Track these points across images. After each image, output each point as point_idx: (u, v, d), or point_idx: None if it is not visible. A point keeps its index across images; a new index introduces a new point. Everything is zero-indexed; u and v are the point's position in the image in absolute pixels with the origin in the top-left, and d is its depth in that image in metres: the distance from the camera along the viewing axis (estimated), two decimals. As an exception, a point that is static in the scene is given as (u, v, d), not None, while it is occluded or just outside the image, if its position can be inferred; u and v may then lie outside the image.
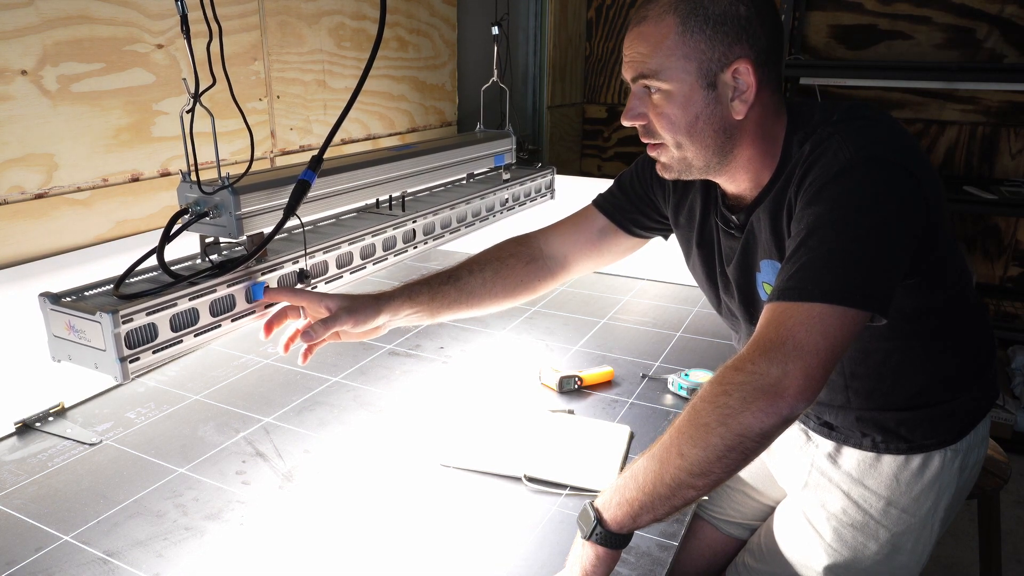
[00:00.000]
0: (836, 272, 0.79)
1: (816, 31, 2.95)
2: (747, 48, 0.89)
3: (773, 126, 0.95)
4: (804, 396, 0.74)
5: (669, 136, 0.94)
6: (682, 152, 0.95)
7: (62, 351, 0.98)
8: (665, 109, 0.92)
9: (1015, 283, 2.93)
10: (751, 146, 0.95)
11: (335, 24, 1.76)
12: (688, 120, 0.92)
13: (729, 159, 0.96)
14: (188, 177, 1.04)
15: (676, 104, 0.92)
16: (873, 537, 1.06)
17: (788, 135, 0.95)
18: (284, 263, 1.16)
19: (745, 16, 0.88)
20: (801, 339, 0.76)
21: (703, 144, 0.94)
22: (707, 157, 0.95)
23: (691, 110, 0.91)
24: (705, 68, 0.89)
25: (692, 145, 0.94)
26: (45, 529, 0.96)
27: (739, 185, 0.99)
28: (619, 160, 3.52)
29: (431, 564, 0.92)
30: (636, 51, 0.92)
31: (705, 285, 1.16)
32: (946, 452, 1.04)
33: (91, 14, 1.22)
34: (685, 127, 0.93)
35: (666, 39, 0.89)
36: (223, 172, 1.04)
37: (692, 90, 0.90)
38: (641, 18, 0.92)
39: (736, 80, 0.90)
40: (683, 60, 0.89)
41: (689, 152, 0.95)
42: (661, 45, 0.90)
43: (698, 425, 0.77)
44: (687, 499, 0.79)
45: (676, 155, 0.96)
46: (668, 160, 0.98)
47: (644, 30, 0.91)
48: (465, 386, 1.40)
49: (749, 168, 0.96)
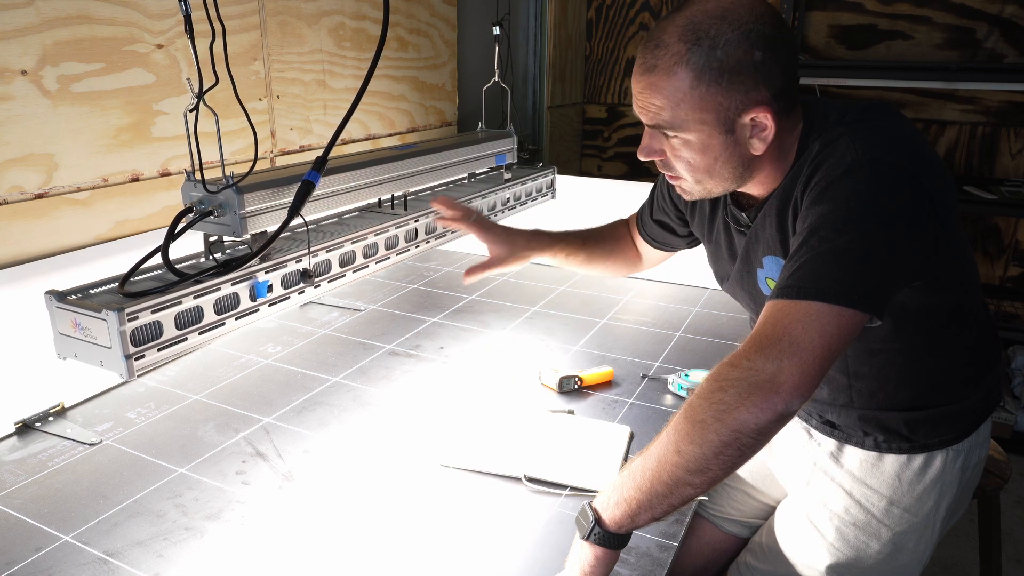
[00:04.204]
0: (835, 272, 0.79)
1: (816, 31, 2.95)
2: (765, 92, 0.87)
3: (788, 138, 0.95)
4: (799, 393, 0.74)
5: (688, 176, 0.96)
6: (702, 185, 0.97)
7: (68, 349, 0.98)
8: (683, 153, 0.93)
9: (1015, 283, 2.93)
10: (769, 164, 0.96)
11: (335, 24, 1.76)
12: (707, 163, 0.93)
13: (748, 181, 0.97)
14: (192, 176, 1.04)
15: (695, 150, 0.92)
16: (875, 536, 1.06)
17: (804, 134, 0.95)
18: (288, 262, 1.17)
19: (760, 60, 0.85)
20: (797, 337, 0.76)
21: (723, 178, 0.95)
22: (727, 186, 0.97)
23: (710, 155, 0.92)
24: (723, 117, 0.88)
25: (712, 180, 0.95)
26: (45, 529, 0.96)
27: (753, 188, 1.01)
28: (619, 160, 3.52)
29: (431, 564, 0.91)
30: (649, 102, 0.90)
31: (719, 281, 1.18)
32: (948, 452, 1.04)
33: (91, 14, 1.22)
34: (704, 169, 0.94)
35: (680, 93, 0.87)
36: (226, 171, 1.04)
37: (710, 137, 0.90)
38: (651, 67, 0.88)
39: (755, 123, 0.89)
40: (700, 112, 0.88)
41: (709, 184, 0.96)
42: (675, 99, 0.88)
43: (694, 422, 0.77)
44: (685, 497, 0.79)
45: (697, 187, 0.98)
46: (689, 188, 0.99)
47: (656, 81, 0.88)
48: (465, 386, 1.40)
49: (766, 178, 0.98)
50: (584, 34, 3.37)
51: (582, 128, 3.53)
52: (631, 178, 3.44)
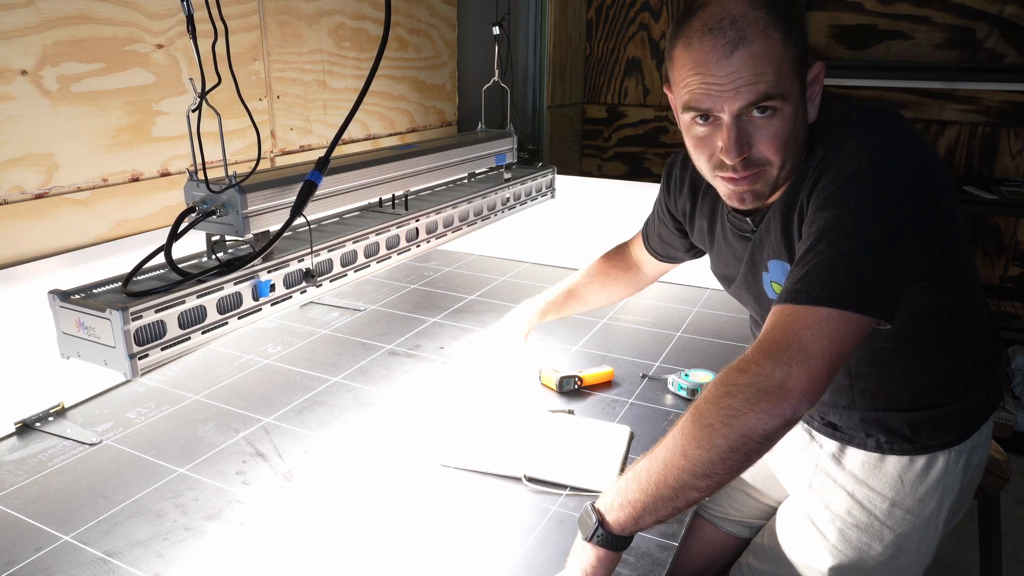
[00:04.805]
0: (844, 277, 0.79)
1: (816, 31, 2.94)
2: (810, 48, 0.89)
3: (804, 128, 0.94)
4: (808, 398, 0.74)
5: (778, 157, 0.90)
6: (779, 172, 0.91)
7: (71, 348, 0.98)
8: (779, 129, 0.88)
9: (1015, 283, 2.93)
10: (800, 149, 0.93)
11: (335, 24, 1.76)
12: (794, 134, 0.89)
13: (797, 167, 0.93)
14: (195, 176, 1.04)
15: (787, 120, 0.88)
16: (877, 538, 1.06)
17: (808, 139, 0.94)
18: (290, 261, 1.17)
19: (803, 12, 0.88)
20: (806, 342, 0.76)
21: (796, 156, 0.92)
22: (790, 171, 0.92)
23: (796, 124, 0.89)
24: (802, 76, 0.88)
25: (790, 160, 0.91)
26: (45, 529, 0.96)
27: None
28: (619, 160, 3.52)
29: (431, 564, 0.91)
30: (752, 72, 0.84)
31: (724, 285, 1.18)
32: (950, 453, 1.04)
33: (91, 14, 1.22)
34: (792, 142, 0.90)
35: (778, 54, 0.85)
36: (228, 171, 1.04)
37: (799, 102, 0.89)
38: (739, 39, 0.84)
39: (814, 79, 0.89)
40: (792, 76, 0.87)
41: (785, 170, 0.91)
42: (777, 62, 0.85)
43: (702, 426, 0.77)
44: (690, 501, 0.79)
45: (772, 177, 0.92)
46: (762, 187, 0.93)
47: (754, 51, 0.84)
48: (465, 386, 1.39)
49: None
50: (584, 34, 3.36)
51: (582, 128, 3.53)
52: (631, 178, 3.44)
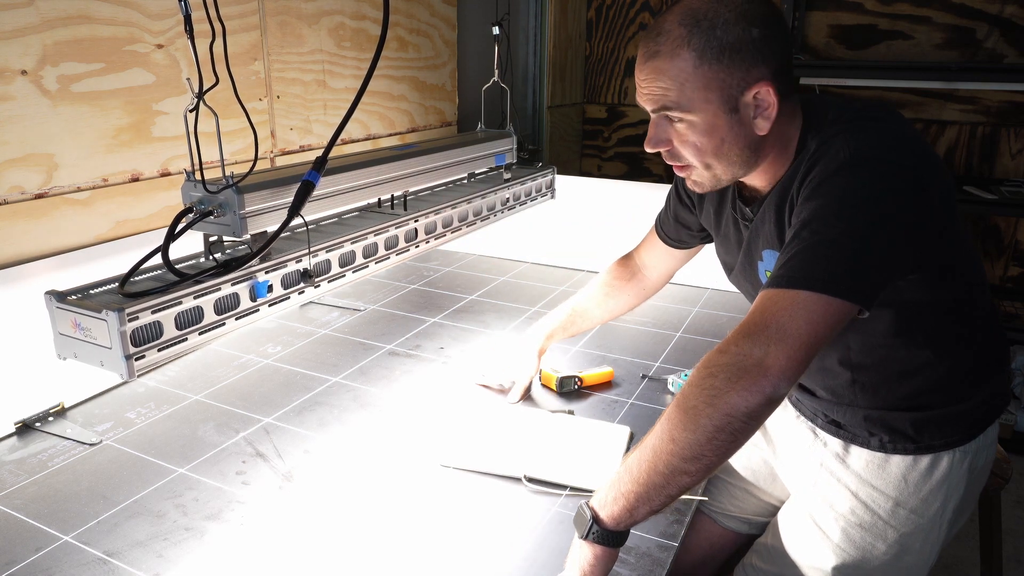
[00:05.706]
0: (824, 262, 0.81)
1: (816, 31, 2.95)
2: (764, 69, 0.90)
3: (789, 127, 0.97)
4: (786, 376, 0.76)
5: (696, 160, 0.97)
6: (711, 171, 0.98)
7: (68, 349, 0.98)
8: (690, 137, 0.94)
9: (1015, 283, 2.93)
10: (772, 150, 0.97)
11: (335, 24, 1.76)
12: (714, 145, 0.94)
13: (755, 167, 0.98)
14: (192, 176, 1.04)
15: (701, 132, 0.93)
16: (881, 538, 1.06)
17: (803, 133, 0.97)
18: (288, 262, 1.17)
19: (759, 38, 0.89)
20: (784, 323, 0.78)
21: (730, 162, 0.96)
22: (735, 172, 0.98)
23: (716, 135, 0.93)
24: (726, 95, 0.90)
25: (720, 164, 0.96)
26: (45, 529, 0.96)
27: (757, 180, 1.02)
28: (619, 160, 3.52)
29: (431, 564, 0.91)
30: (655, 85, 0.92)
31: (726, 272, 1.19)
32: (955, 453, 1.04)
33: (91, 14, 1.22)
34: (712, 151, 0.95)
35: (684, 73, 0.90)
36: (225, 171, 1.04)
37: (715, 117, 0.92)
38: (654, 52, 0.91)
39: (757, 100, 0.91)
40: (704, 91, 0.90)
41: (718, 170, 0.97)
42: (680, 79, 0.90)
43: (686, 409, 0.79)
44: (682, 487, 0.80)
45: (706, 174, 0.99)
46: (699, 178, 1.00)
47: (660, 65, 0.91)
48: (465, 386, 1.39)
49: (769, 168, 0.99)
50: (584, 34, 3.36)
51: (582, 128, 3.53)
52: (631, 178, 3.44)
